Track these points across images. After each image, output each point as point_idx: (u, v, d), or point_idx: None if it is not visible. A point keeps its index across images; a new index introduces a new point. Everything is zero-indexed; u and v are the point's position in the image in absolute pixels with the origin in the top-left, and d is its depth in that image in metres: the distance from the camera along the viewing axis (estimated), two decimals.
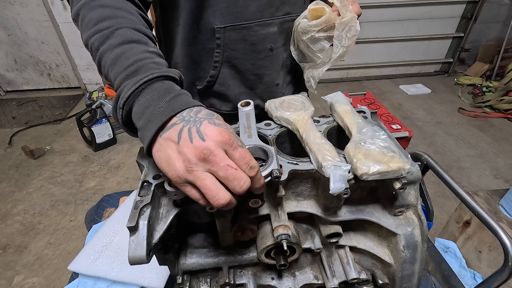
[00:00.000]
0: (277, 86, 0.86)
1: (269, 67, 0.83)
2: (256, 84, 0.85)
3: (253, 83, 0.84)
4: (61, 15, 3.32)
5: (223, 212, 0.46)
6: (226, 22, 0.73)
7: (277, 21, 0.77)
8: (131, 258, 0.38)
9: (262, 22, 0.76)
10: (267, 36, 0.78)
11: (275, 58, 0.82)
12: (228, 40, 0.76)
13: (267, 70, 0.83)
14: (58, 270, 1.76)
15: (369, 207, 0.52)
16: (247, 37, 0.76)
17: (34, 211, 2.16)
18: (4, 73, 3.75)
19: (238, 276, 0.57)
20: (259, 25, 0.76)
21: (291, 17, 0.79)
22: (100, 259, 0.83)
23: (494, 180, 2.31)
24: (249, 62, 0.81)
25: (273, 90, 0.86)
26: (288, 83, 0.92)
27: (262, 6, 0.74)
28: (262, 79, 0.84)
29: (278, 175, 0.40)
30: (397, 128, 2.29)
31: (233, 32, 0.75)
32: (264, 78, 0.84)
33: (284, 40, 0.82)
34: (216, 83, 0.83)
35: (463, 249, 1.31)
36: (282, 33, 0.80)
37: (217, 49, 0.77)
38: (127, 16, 0.51)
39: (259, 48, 0.79)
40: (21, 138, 2.99)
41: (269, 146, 0.46)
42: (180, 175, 0.35)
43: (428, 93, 3.59)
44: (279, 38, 0.80)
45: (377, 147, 0.46)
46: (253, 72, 0.82)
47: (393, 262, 0.53)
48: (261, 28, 0.76)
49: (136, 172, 2.47)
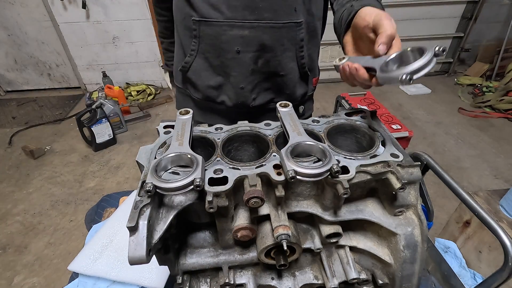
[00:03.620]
0: (242, 90, 0.86)
1: (234, 68, 0.82)
2: (225, 82, 0.86)
3: (222, 80, 0.86)
4: (61, 15, 3.32)
5: (223, 212, 0.47)
6: (201, 15, 0.76)
7: (248, 25, 0.75)
8: (131, 258, 0.38)
9: (232, 23, 0.75)
10: (236, 38, 0.77)
11: (242, 61, 0.81)
12: (202, 33, 0.79)
13: (232, 71, 0.83)
14: (58, 270, 1.76)
15: (369, 207, 0.52)
16: (217, 34, 0.78)
17: (34, 211, 2.16)
18: (4, 73, 3.75)
19: (238, 276, 0.57)
20: (229, 26, 0.76)
21: (269, 23, 0.76)
22: (100, 259, 0.83)
23: (494, 180, 2.31)
24: (219, 59, 0.82)
25: (237, 92, 0.86)
26: (266, 89, 0.89)
27: (233, 7, 0.73)
28: (229, 79, 0.85)
29: (199, 184, 0.40)
30: (397, 128, 2.29)
31: (206, 27, 0.77)
32: (230, 78, 0.85)
33: (257, 46, 0.79)
34: (190, 70, 0.87)
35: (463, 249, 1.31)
36: (254, 38, 0.77)
37: (194, 39, 0.81)
38: None
39: (226, 48, 0.79)
40: (21, 138, 2.99)
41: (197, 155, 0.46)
42: None
43: (428, 93, 3.60)
44: (250, 42, 0.78)
45: None
46: (222, 69, 0.84)
47: (393, 262, 0.53)
48: (230, 29, 0.76)
49: (136, 172, 2.47)
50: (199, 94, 0.92)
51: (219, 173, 0.45)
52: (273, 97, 0.91)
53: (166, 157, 0.46)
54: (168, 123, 0.60)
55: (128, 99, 3.54)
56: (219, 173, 0.46)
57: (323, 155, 0.46)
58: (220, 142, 0.54)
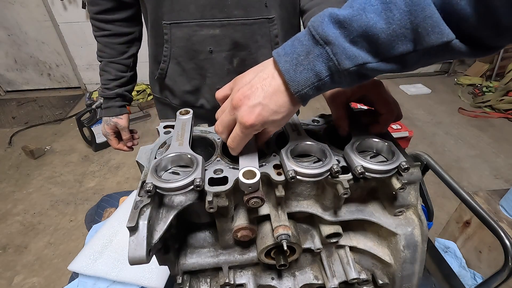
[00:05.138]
0: None
1: (209, 69, 0.82)
2: (201, 84, 0.85)
3: (198, 83, 0.85)
4: (61, 15, 3.33)
5: (223, 212, 0.47)
6: (171, 19, 0.75)
7: (218, 23, 0.75)
8: (131, 258, 0.38)
9: (202, 22, 0.74)
10: (207, 38, 0.76)
11: (216, 61, 0.80)
12: (173, 37, 0.77)
13: (208, 72, 0.82)
14: (58, 270, 1.76)
15: (369, 207, 0.52)
16: (188, 36, 0.76)
17: (34, 211, 2.16)
18: (4, 73, 3.75)
19: (238, 276, 0.57)
20: (199, 26, 0.75)
21: (239, 20, 0.75)
22: (100, 259, 0.83)
23: (494, 180, 2.31)
24: (192, 62, 0.81)
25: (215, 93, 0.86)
26: None
27: (201, 6, 0.72)
28: (205, 81, 0.84)
29: (199, 184, 0.40)
30: (397, 128, 2.29)
31: (177, 30, 0.76)
32: (207, 80, 0.84)
33: (230, 44, 0.78)
34: (166, 77, 0.86)
35: (463, 249, 1.31)
36: (226, 36, 0.76)
37: (166, 44, 0.79)
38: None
39: (198, 49, 0.78)
40: (21, 138, 2.99)
41: (197, 155, 0.46)
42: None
43: (428, 93, 3.60)
44: (222, 41, 0.77)
45: None
46: (197, 72, 0.83)
47: (393, 262, 0.53)
48: (200, 29, 0.75)
49: (136, 172, 2.47)
50: (177, 101, 0.91)
51: (219, 173, 0.45)
52: None
53: (166, 157, 0.46)
54: (168, 123, 0.60)
55: None
56: (219, 173, 0.46)
57: (323, 155, 0.46)
58: (220, 142, 0.54)
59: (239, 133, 0.41)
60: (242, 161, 0.45)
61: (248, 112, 0.38)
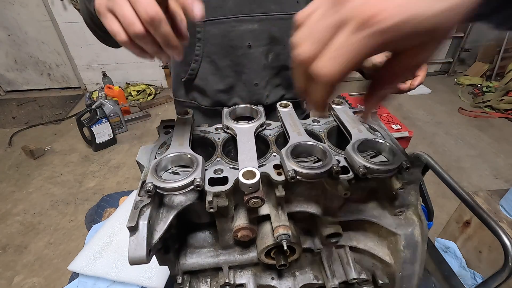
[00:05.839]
0: (256, 86, 0.84)
1: (247, 65, 0.81)
2: (235, 82, 0.84)
3: (232, 81, 0.84)
4: (61, 15, 3.33)
5: (223, 212, 0.47)
6: (207, 16, 0.73)
7: (257, 18, 0.76)
8: (131, 258, 0.38)
9: (241, 18, 0.75)
10: (245, 33, 0.77)
11: (254, 56, 0.81)
12: (208, 34, 0.76)
13: (245, 68, 0.82)
14: (58, 270, 1.76)
15: (369, 207, 0.52)
16: (225, 32, 0.76)
17: (34, 211, 2.16)
18: (4, 73, 3.75)
19: (238, 276, 0.57)
20: (238, 21, 0.75)
21: (276, 15, 0.77)
22: (100, 259, 0.83)
23: (494, 180, 2.31)
24: (228, 59, 0.80)
25: (251, 90, 0.85)
26: (276, 86, 0.89)
27: (240, 2, 0.73)
28: (241, 78, 0.83)
29: (199, 184, 0.41)
30: (397, 128, 2.29)
31: (212, 27, 0.75)
32: (243, 76, 0.83)
33: (267, 39, 0.79)
34: (197, 77, 0.84)
35: (463, 249, 1.31)
36: (264, 31, 0.78)
37: (198, 43, 0.78)
38: None
39: (236, 45, 0.78)
40: (21, 138, 2.99)
41: (197, 155, 0.46)
42: (103, 1, 0.38)
43: (428, 93, 3.60)
44: (260, 36, 0.78)
45: None
46: (232, 69, 0.82)
47: (393, 262, 0.53)
48: (239, 24, 0.75)
49: (136, 172, 2.47)
50: (208, 101, 0.88)
51: (219, 173, 0.45)
52: (284, 93, 0.91)
53: (166, 157, 0.46)
54: (168, 123, 0.60)
55: (128, 99, 3.54)
56: (219, 173, 0.46)
57: (323, 155, 0.46)
58: (220, 142, 0.54)
59: (354, 41, 0.23)
60: (242, 161, 0.45)
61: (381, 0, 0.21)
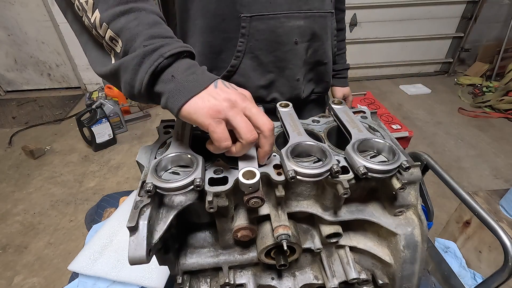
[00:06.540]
0: (297, 82, 0.86)
1: (291, 61, 0.82)
2: (277, 77, 0.84)
3: (274, 77, 0.84)
4: (61, 15, 3.31)
5: (223, 212, 0.46)
6: (254, 11, 0.73)
7: (303, 15, 0.77)
8: (131, 258, 0.38)
9: (289, 14, 0.76)
10: (293, 29, 0.78)
11: (298, 52, 0.82)
12: (253, 30, 0.75)
13: (289, 64, 0.82)
14: (58, 270, 1.76)
15: (369, 207, 0.52)
16: (273, 28, 0.76)
17: (34, 211, 2.16)
18: (4, 73, 3.75)
19: (238, 276, 0.57)
20: (286, 17, 0.76)
21: (318, 12, 0.80)
22: (100, 259, 0.83)
23: (494, 180, 2.31)
24: (272, 54, 0.80)
25: (293, 85, 0.86)
26: (309, 80, 0.91)
27: None
28: (284, 73, 0.83)
29: (199, 184, 0.41)
30: (397, 128, 2.29)
31: (259, 22, 0.75)
32: (286, 71, 0.83)
33: (310, 35, 0.82)
34: (236, 73, 0.82)
35: (463, 249, 1.31)
36: (308, 28, 0.80)
37: (241, 38, 0.76)
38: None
39: (284, 41, 0.78)
40: (21, 138, 2.99)
41: (197, 155, 0.46)
42: (222, 110, 0.40)
43: (428, 93, 3.59)
44: (305, 32, 0.80)
45: None
46: (275, 64, 0.82)
47: (393, 262, 0.53)
48: (287, 20, 0.76)
49: (136, 172, 2.47)
50: None
51: (219, 173, 0.45)
52: (314, 87, 0.93)
53: (166, 157, 0.46)
54: (168, 123, 0.60)
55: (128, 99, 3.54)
56: (219, 173, 0.46)
57: (323, 155, 0.46)
58: None
59: None
60: (241, 161, 0.45)
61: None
